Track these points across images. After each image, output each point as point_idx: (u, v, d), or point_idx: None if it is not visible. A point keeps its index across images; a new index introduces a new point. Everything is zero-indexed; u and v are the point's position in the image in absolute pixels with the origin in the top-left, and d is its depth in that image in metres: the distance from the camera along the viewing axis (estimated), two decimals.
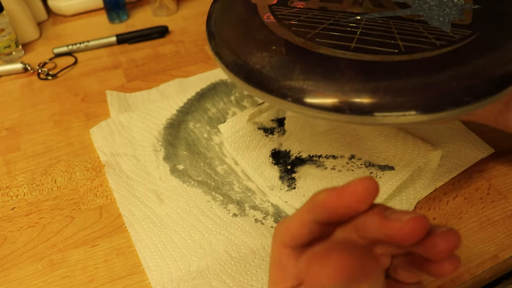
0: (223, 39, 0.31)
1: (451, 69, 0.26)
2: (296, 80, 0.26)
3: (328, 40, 0.28)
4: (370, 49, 0.27)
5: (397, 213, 0.21)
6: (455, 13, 0.30)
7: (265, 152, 0.41)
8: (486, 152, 0.40)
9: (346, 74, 0.26)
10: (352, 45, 0.28)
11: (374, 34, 0.29)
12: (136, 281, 0.33)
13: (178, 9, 0.71)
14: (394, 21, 0.30)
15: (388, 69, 0.26)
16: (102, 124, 0.47)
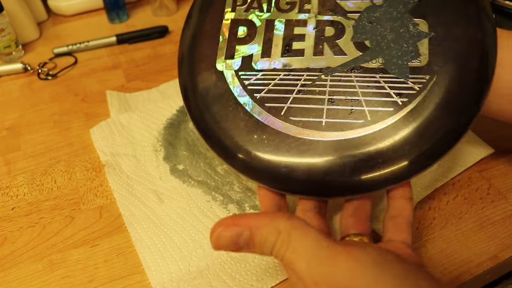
0: (205, 125, 0.32)
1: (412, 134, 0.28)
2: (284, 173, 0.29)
3: (301, 117, 0.30)
4: (339, 123, 0.29)
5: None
6: (412, 51, 0.29)
7: None
8: (486, 152, 0.40)
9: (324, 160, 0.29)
10: (323, 120, 0.29)
11: (341, 100, 0.30)
12: (136, 281, 0.33)
13: (178, 9, 0.71)
14: (356, 76, 0.30)
15: (358, 148, 0.28)
16: (102, 124, 0.47)
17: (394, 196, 0.30)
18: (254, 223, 0.24)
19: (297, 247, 0.23)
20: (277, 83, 0.31)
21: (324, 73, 0.31)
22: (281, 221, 0.23)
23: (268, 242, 0.23)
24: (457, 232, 0.35)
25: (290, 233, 0.23)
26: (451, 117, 0.28)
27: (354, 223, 0.29)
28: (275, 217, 0.24)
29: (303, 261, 0.22)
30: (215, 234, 0.24)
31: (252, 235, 0.24)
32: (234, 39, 0.33)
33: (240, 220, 0.24)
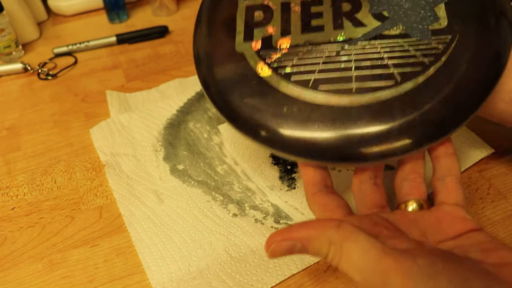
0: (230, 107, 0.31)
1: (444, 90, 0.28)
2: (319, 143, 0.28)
3: (330, 85, 0.29)
4: (369, 88, 0.29)
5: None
6: (431, 15, 0.30)
7: (265, 152, 0.41)
8: (486, 152, 0.40)
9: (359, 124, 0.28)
10: (353, 87, 0.29)
11: (368, 65, 0.29)
12: (136, 281, 0.33)
13: (178, 9, 0.71)
14: (380, 43, 0.30)
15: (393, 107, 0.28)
16: (102, 124, 0.47)
17: (438, 155, 0.29)
18: (305, 235, 0.24)
19: (349, 258, 0.23)
20: (301, 57, 0.31)
21: (348, 43, 0.31)
22: (332, 232, 0.23)
23: (321, 252, 0.24)
24: None
25: (341, 244, 0.23)
26: (480, 69, 0.28)
27: (409, 188, 0.29)
28: (325, 227, 0.24)
29: (357, 273, 0.22)
30: (269, 250, 0.24)
31: (304, 247, 0.24)
32: (251, 23, 0.33)
33: (291, 234, 0.24)
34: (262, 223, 0.36)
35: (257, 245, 0.35)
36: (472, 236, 0.26)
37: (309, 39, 0.31)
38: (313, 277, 0.32)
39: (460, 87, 0.28)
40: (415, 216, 0.28)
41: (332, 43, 0.31)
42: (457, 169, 0.29)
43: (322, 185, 0.29)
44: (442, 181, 0.29)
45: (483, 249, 0.24)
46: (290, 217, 0.37)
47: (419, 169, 0.30)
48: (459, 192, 0.28)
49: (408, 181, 0.30)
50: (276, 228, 0.36)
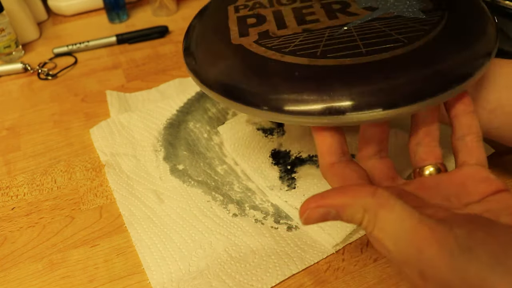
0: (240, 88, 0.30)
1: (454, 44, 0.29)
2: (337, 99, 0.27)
3: (339, 52, 0.29)
4: (380, 48, 0.28)
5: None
6: (417, 3, 0.32)
7: (265, 152, 0.41)
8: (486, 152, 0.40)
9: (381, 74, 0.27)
10: (363, 50, 0.29)
11: (373, 35, 0.30)
12: (136, 281, 0.33)
13: (178, 9, 0.71)
14: (378, 22, 0.31)
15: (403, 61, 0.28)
16: (102, 124, 0.47)
17: (457, 114, 0.28)
18: (339, 202, 0.23)
19: (383, 226, 0.22)
20: (302, 39, 0.31)
21: (346, 25, 0.31)
22: (367, 199, 0.22)
23: (355, 219, 0.23)
24: None
25: (376, 212, 0.22)
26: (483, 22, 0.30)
27: (424, 153, 0.28)
28: (360, 195, 0.23)
29: (391, 242, 0.22)
30: (304, 216, 0.23)
31: (339, 213, 0.23)
32: (244, 25, 0.34)
33: (325, 200, 0.23)
34: (262, 223, 0.36)
35: (257, 245, 0.35)
36: (500, 199, 0.24)
37: (307, 27, 0.32)
38: (313, 277, 0.32)
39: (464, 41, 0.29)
40: (434, 180, 0.27)
41: (330, 28, 0.31)
42: (477, 127, 0.28)
43: (340, 153, 0.27)
44: (462, 140, 0.28)
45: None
46: (290, 217, 0.37)
47: (433, 133, 0.29)
48: (480, 151, 0.27)
49: (423, 145, 0.28)
50: (276, 228, 0.36)
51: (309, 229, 0.35)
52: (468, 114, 0.28)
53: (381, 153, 0.29)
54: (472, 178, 0.26)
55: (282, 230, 0.36)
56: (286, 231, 0.36)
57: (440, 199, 0.25)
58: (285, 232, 0.35)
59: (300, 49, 0.30)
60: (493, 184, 0.25)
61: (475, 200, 0.25)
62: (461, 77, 0.27)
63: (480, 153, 0.27)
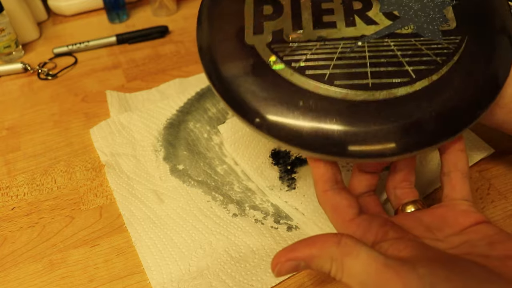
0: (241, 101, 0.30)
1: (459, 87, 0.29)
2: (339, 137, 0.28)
3: (345, 80, 0.29)
4: (386, 83, 0.29)
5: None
6: (440, 17, 0.31)
7: (265, 152, 0.41)
8: (486, 152, 0.40)
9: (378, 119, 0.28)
10: (370, 81, 0.29)
11: (382, 62, 0.30)
12: (136, 281, 0.33)
13: (178, 9, 0.71)
14: (393, 41, 0.31)
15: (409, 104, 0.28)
16: (102, 124, 0.47)
17: (446, 151, 0.30)
18: (307, 255, 0.24)
19: (350, 273, 0.23)
20: (315, 52, 0.31)
21: (361, 40, 0.31)
22: (332, 249, 0.24)
23: (324, 269, 0.24)
24: None
25: (342, 260, 0.23)
26: (490, 67, 0.29)
27: (402, 193, 0.30)
28: (325, 245, 0.24)
29: (359, 287, 0.23)
30: (275, 271, 0.25)
31: (308, 264, 0.25)
32: (260, 16, 0.32)
33: (293, 253, 0.25)
34: (262, 223, 0.36)
35: (257, 245, 0.35)
36: (479, 230, 0.26)
37: (322, 35, 0.31)
38: (313, 277, 0.32)
39: (472, 85, 0.29)
40: (417, 215, 0.29)
41: (345, 40, 0.31)
42: (463, 165, 0.29)
43: (333, 181, 0.28)
44: (448, 176, 0.29)
45: (490, 242, 0.24)
46: (290, 217, 0.37)
47: (409, 178, 0.31)
48: (464, 186, 0.28)
49: (400, 188, 0.31)
50: (276, 228, 0.36)
51: (309, 230, 0.35)
52: (457, 152, 0.29)
53: (369, 192, 0.32)
54: (452, 211, 0.27)
55: (282, 230, 0.36)
56: (286, 231, 0.36)
57: (422, 231, 0.27)
58: (285, 232, 0.35)
59: (310, 67, 0.30)
60: (474, 217, 0.27)
61: (455, 232, 0.26)
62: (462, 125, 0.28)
63: (464, 189, 0.28)
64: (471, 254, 0.24)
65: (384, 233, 0.26)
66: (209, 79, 0.32)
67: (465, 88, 0.28)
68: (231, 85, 0.30)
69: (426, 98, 0.28)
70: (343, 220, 0.28)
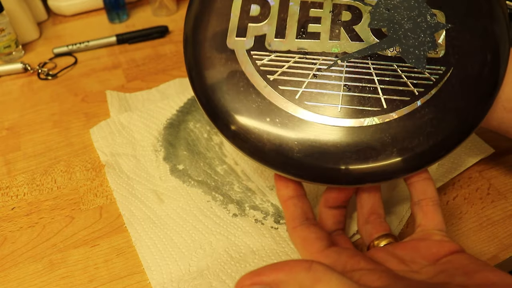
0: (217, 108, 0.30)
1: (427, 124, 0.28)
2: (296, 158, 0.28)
3: (316, 102, 0.29)
4: (356, 110, 0.29)
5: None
6: (429, 41, 0.30)
7: None
8: (486, 152, 0.40)
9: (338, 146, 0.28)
10: (339, 106, 0.29)
11: (357, 87, 0.29)
12: (136, 281, 0.33)
13: (178, 9, 0.71)
14: (373, 63, 0.30)
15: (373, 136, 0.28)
16: (102, 124, 0.47)
17: (412, 180, 0.30)
18: (273, 279, 0.22)
19: None
20: (292, 65, 0.30)
21: (341, 58, 0.30)
22: (301, 274, 0.22)
23: None
24: (457, 232, 0.35)
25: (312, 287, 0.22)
26: (466, 109, 0.28)
27: (373, 228, 0.30)
28: (294, 270, 0.22)
29: None
30: None
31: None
32: (246, 17, 0.31)
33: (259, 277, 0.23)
34: (262, 223, 0.36)
35: (257, 245, 0.35)
36: (454, 260, 0.25)
37: (303, 47, 0.31)
38: None
39: (442, 126, 0.28)
40: (389, 248, 0.28)
41: (324, 55, 0.30)
42: (432, 192, 0.29)
43: (303, 218, 0.29)
44: (418, 205, 0.29)
45: (466, 272, 0.24)
46: None
47: (377, 211, 0.31)
48: (436, 214, 0.28)
49: (370, 223, 0.30)
50: (276, 228, 0.36)
51: None
52: (422, 181, 0.29)
53: (338, 231, 0.32)
54: (425, 242, 0.27)
55: (282, 230, 0.36)
56: (286, 231, 0.36)
57: (395, 263, 0.26)
58: (285, 232, 0.35)
59: (284, 81, 0.30)
60: (447, 246, 0.26)
61: (429, 262, 0.26)
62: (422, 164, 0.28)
63: (436, 217, 0.28)
64: (448, 284, 0.23)
65: (355, 263, 0.25)
66: (188, 75, 0.32)
67: (433, 129, 0.28)
68: (206, 89, 0.31)
69: (390, 132, 0.28)
70: (311, 252, 0.27)
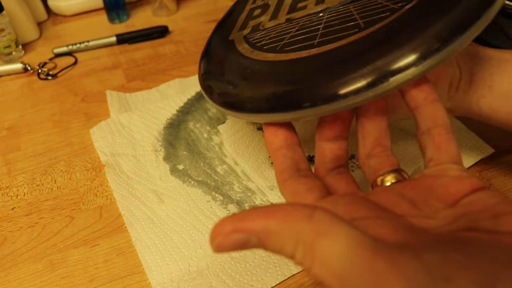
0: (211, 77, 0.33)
1: (410, 29, 0.25)
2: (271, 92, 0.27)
3: (295, 46, 0.29)
4: (332, 38, 0.28)
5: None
6: None
7: (265, 152, 0.41)
8: (486, 152, 0.40)
9: (315, 69, 0.27)
10: (316, 41, 0.29)
11: (335, 23, 0.29)
12: (136, 281, 0.33)
13: (178, 9, 0.71)
14: (355, 5, 0.30)
15: (349, 51, 0.26)
16: (102, 124, 0.47)
17: (417, 105, 0.24)
18: (262, 227, 0.17)
19: (325, 261, 0.16)
20: (278, 31, 0.32)
21: (323, 10, 0.31)
22: (300, 224, 0.17)
23: (285, 251, 0.17)
24: None
25: (314, 242, 0.16)
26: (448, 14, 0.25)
27: (378, 163, 0.25)
28: (290, 218, 0.17)
29: (337, 281, 0.16)
30: (214, 243, 0.17)
31: (261, 242, 0.17)
32: (249, 18, 0.37)
33: (244, 223, 0.17)
34: None
35: None
36: (477, 199, 0.20)
37: (291, 17, 0.33)
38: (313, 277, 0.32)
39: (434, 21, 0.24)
40: (397, 188, 0.23)
41: (309, 16, 0.32)
42: (443, 117, 0.24)
43: (293, 170, 0.25)
44: (428, 135, 0.24)
45: (494, 214, 0.19)
46: None
47: (383, 142, 0.25)
48: (450, 145, 0.23)
49: (374, 156, 0.25)
50: None
51: None
52: (430, 104, 0.24)
53: (339, 169, 0.26)
54: (441, 179, 0.22)
55: None
56: None
57: (405, 208, 0.21)
58: None
59: (269, 43, 0.32)
60: (466, 183, 0.21)
61: (447, 204, 0.21)
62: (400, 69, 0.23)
63: (450, 148, 0.23)
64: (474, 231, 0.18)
65: (354, 210, 0.20)
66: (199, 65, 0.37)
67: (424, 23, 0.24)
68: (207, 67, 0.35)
69: (376, 40, 0.25)
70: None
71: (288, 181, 0.24)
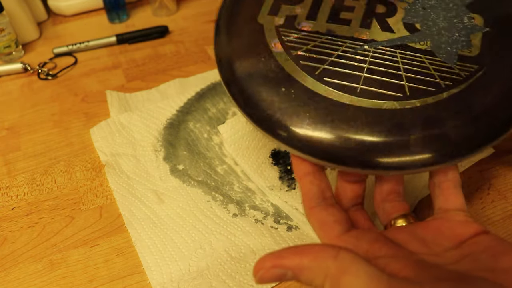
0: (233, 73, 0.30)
1: (452, 116, 0.25)
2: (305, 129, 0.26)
3: (335, 79, 0.28)
4: (375, 92, 0.27)
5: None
6: (464, 41, 0.28)
7: (265, 152, 0.41)
8: (486, 152, 0.40)
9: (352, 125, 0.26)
10: (359, 87, 0.27)
11: (380, 72, 0.28)
12: (136, 281, 0.33)
13: (178, 9, 0.71)
14: (401, 53, 0.28)
15: (391, 120, 0.26)
16: (102, 124, 0.47)
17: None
18: (296, 264, 0.21)
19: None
20: (318, 45, 0.30)
21: (368, 44, 0.29)
22: (328, 262, 0.20)
23: (315, 284, 0.21)
24: None
25: (339, 278, 0.20)
26: (495, 111, 0.26)
27: (391, 207, 0.28)
28: (320, 256, 0.21)
29: None
30: (257, 276, 0.22)
31: (296, 276, 0.21)
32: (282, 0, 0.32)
33: (281, 260, 0.21)
34: (262, 223, 0.36)
35: (257, 245, 0.35)
36: (479, 241, 0.24)
37: (332, 29, 0.30)
38: None
39: (469, 123, 0.25)
40: (409, 228, 0.26)
41: (352, 40, 0.29)
42: (454, 173, 0.27)
43: (320, 198, 0.27)
44: (439, 187, 0.27)
45: (493, 254, 0.22)
46: (290, 217, 0.37)
47: (397, 189, 0.29)
48: (457, 196, 0.26)
49: (388, 201, 0.28)
50: (276, 228, 0.36)
51: (309, 230, 0.35)
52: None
53: (357, 206, 0.29)
54: (448, 223, 0.25)
55: (282, 230, 0.36)
56: (286, 231, 0.36)
57: (417, 246, 0.24)
58: (285, 232, 0.35)
59: (306, 57, 0.29)
60: (471, 227, 0.24)
61: (454, 245, 0.24)
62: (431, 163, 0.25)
63: (457, 199, 0.26)
64: (475, 270, 0.22)
65: (377, 249, 0.24)
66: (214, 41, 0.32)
67: (460, 122, 0.25)
68: (228, 56, 0.31)
69: (410, 119, 0.25)
70: (329, 236, 0.25)
71: (315, 209, 0.27)
